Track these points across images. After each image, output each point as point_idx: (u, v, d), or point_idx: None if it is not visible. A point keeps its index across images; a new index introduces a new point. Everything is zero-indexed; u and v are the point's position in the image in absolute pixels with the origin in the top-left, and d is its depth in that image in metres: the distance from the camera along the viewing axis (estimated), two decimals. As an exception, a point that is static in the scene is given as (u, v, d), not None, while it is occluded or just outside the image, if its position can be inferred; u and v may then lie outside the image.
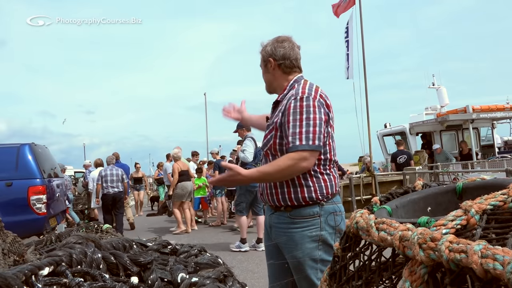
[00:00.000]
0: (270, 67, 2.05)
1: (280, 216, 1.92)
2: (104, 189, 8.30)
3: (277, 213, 1.95)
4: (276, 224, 1.94)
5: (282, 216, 1.91)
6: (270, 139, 1.93)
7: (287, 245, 1.89)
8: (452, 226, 0.77)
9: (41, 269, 0.73)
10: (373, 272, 0.94)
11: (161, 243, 1.38)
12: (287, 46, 2.02)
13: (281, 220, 1.92)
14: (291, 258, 1.88)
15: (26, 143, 6.71)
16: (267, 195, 1.95)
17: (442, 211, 1.14)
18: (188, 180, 8.74)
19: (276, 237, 1.95)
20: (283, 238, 1.90)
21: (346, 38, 10.54)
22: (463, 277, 0.66)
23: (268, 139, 1.94)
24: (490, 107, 12.61)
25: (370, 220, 0.95)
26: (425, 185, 1.37)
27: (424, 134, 13.93)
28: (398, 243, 0.80)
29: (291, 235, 1.87)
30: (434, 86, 14.92)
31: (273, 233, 1.97)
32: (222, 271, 1.05)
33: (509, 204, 0.81)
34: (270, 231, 2.00)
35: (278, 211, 1.94)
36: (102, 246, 0.97)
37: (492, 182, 1.12)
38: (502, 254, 0.59)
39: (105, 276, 0.84)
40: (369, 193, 9.24)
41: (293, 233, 1.86)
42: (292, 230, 1.87)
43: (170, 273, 0.97)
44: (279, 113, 1.93)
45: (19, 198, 6.31)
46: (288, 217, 1.89)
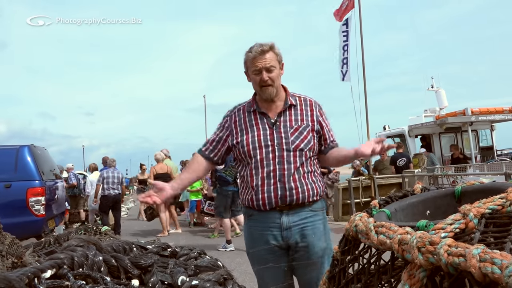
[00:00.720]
0: (281, 70, 2.10)
1: (299, 213, 2.01)
2: (105, 190, 8.42)
3: (293, 211, 2.01)
4: (297, 221, 2.00)
5: (302, 212, 2.01)
6: (310, 139, 2.06)
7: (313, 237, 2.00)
8: (451, 229, 0.77)
9: (43, 271, 0.73)
10: (372, 275, 0.94)
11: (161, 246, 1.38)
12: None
13: (303, 216, 2.01)
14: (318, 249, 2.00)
15: (25, 145, 6.70)
16: (285, 196, 1.98)
17: (441, 215, 1.15)
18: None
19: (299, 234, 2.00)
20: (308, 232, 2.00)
21: (345, 42, 10.56)
22: (462, 280, 0.67)
23: (309, 139, 2.06)
24: (489, 109, 12.62)
25: (369, 224, 0.96)
26: (424, 189, 1.38)
27: (423, 137, 13.93)
28: (397, 246, 0.80)
29: (317, 226, 2.03)
30: (433, 88, 14.94)
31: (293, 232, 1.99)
32: (222, 274, 1.06)
33: (507, 208, 0.81)
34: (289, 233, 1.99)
35: (295, 209, 2.01)
36: (103, 248, 0.98)
37: (490, 186, 1.13)
38: (500, 258, 0.59)
39: (106, 279, 0.84)
40: (368, 196, 9.24)
41: (318, 224, 2.04)
42: (317, 222, 2.04)
43: (171, 276, 0.97)
44: (305, 116, 2.10)
45: (18, 200, 6.29)
46: (310, 211, 2.03)
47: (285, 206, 1.99)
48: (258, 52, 2.00)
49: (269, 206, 1.99)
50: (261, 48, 2.00)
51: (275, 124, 2.05)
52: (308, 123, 2.08)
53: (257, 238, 2.05)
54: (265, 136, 2.03)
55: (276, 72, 2.04)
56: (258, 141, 2.03)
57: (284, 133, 2.03)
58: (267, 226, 2.02)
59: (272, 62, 2.02)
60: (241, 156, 2.07)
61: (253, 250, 2.08)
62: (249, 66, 2.06)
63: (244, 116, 2.12)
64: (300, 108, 2.11)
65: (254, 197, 2.01)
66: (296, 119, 2.07)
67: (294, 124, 2.06)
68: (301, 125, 2.06)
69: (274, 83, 2.03)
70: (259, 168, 2.01)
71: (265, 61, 2.00)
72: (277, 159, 2.00)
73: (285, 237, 1.99)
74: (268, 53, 2.01)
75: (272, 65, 2.02)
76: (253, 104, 2.12)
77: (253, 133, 2.06)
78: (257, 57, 2.01)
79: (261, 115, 2.09)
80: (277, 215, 2.00)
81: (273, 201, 1.97)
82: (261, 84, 2.03)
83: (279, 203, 1.98)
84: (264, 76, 2.00)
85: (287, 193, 1.97)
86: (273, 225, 2.01)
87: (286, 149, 2.00)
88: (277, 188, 1.98)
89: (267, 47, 2.01)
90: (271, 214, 2.00)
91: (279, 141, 2.01)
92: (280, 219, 2.00)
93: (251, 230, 2.10)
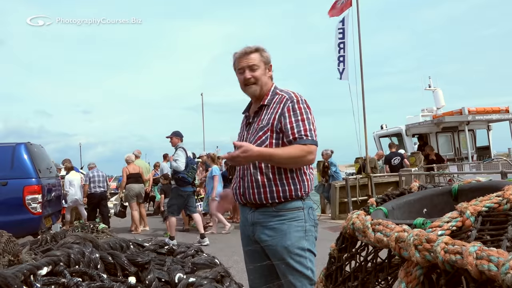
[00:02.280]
0: (267, 72, 2.17)
1: (264, 212, 2.02)
2: (91, 188, 9.23)
3: (260, 210, 2.03)
4: (261, 219, 2.02)
5: (267, 212, 2.01)
6: (265, 139, 2.03)
7: (275, 237, 1.96)
8: (448, 227, 0.77)
9: (39, 269, 0.73)
10: (369, 273, 0.94)
11: (158, 243, 1.38)
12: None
13: (267, 215, 2.01)
14: (280, 248, 1.94)
15: (22, 142, 6.66)
16: (252, 194, 2.01)
17: (437, 213, 1.15)
18: (136, 183, 9.19)
19: (261, 233, 2.00)
20: (269, 232, 1.98)
21: (341, 40, 10.55)
22: (458, 278, 0.67)
23: (263, 139, 2.03)
24: (485, 109, 12.68)
25: (366, 221, 0.96)
26: (421, 187, 1.38)
27: (420, 136, 13.97)
28: (394, 244, 0.80)
29: (278, 226, 1.97)
30: (431, 88, 14.97)
31: (258, 230, 2.02)
32: (220, 272, 1.06)
33: (503, 206, 0.82)
34: (254, 229, 2.04)
35: (261, 208, 2.03)
36: (99, 246, 0.97)
37: (487, 184, 1.13)
38: (496, 256, 0.60)
39: (103, 276, 0.84)
40: (365, 194, 9.26)
41: (280, 224, 1.97)
42: (279, 222, 1.98)
43: (168, 273, 0.97)
44: (272, 115, 2.06)
45: (14, 198, 6.26)
46: (273, 211, 1.99)
47: (252, 204, 2.06)
48: (242, 52, 2.12)
49: (240, 202, 2.10)
50: (245, 49, 2.12)
51: (249, 125, 2.17)
52: (268, 122, 2.05)
53: (241, 229, 2.19)
54: (241, 138, 2.19)
55: (260, 72, 2.11)
56: (238, 140, 2.16)
57: (251, 134, 2.12)
58: (243, 219, 2.15)
59: (256, 61, 2.11)
60: None
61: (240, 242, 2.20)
62: (235, 67, 2.18)
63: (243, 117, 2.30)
64: (272, 107, 2.09)
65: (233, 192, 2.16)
66: (263, 119, 2.10)
67: (260, 124, 2.10)
68: (260, 125, 2.08)
69: (258, 81, 2.11)
70: (236, 166, 2.15)
71: (248, 60, 2.10)
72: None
73: (251, 232, 2.07)
74: (252, 53, 2.11)
75: (256, 64, 2.10)
76: (248, 106, 2.27)
77: (238, 134, 2.25)
78: (241, 57, 2.12)
79: (246, 116, 2.24)
80: (247, 210, 2.10)
81: (238, 198, 2.10)
82: (244, 82, 2.12)
83: (242, 200, 2.08)
84: (247, 74, 2.09)
85: (246, 191, 2.05)
86: (245, 219, 2.11)
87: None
88: (240, 186, 2.08)
89: (251, 49, 2.12)
90: (245, 209, 2.12)
91: (246, 142, 2.09)
92: (249, 215, 2.09)
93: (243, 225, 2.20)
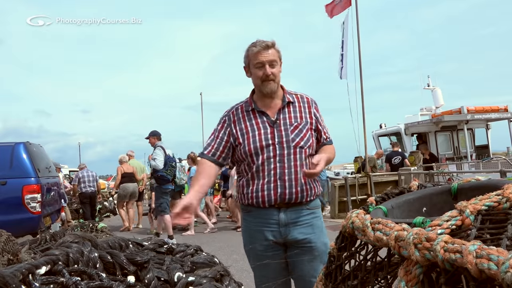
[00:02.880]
0: (280, 67, 2.12)
1: (297, 210, 2.04)
2: (82, 188, 9.72)
3: (292, 209, 2.03)
4: (295, 218, 2.03)
5: (300, 210, 2.04)
6: (309, 138, 2.09)
7: (314, 233, 2.04)
8: (447, 226, 0.77)
9: (38, 268, 0.73)
10: (369, 272, 0.94)
11: (157, 243, 1.38)
12: None
13: (301, 213, 2.04)
14: (320, 244, 2.04)
15: (21, 142, 6.66)
16: (295, 193, 2.00)
17: (437, 212, 1.15)
18: (130, 182, 9.33)
19: (298, 232, 2.02)
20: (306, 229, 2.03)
21: (342, 39, 10.56)
22: (458, 277, 0.67)
23: (308, 137, 2.08)
24: (484, 108, 12.69)
25: (365, 220, 0.96)
26: (421, 186, 1.38)
27: (419, 135, 13.98)
28: (393, 243, 0.80)
29: (315, 223, 2.07)
30: (429, 87, 14.97)
31: (293, 230, 2.02)
32: (219, 271, 1.05)
33: (503, 204, 0.82)
34: (287, 230, 2.01)
35: (294, 207, 2.03)
36: (98, 245, 0.97)
37: (486, 183, 1.13)
38: (496, 254, 0.59)
39: (102, 275, 0.84)
40: (365, 193, 9.26)
41: (316, 220, 2.08)
42: (314, 219, 2.08)
43: (167, 272, 0.97)
44: (303, 114, 2.12)
45: (14, 197, 6.26)
46: (307, 209, 2.06)
47: (283, 204, 2.01)
48: (262, 46, 2.01)
49: (268, 203, 2.00)
50: (265, 43, 2.02)
51: (275, 123, 2.06)
52: (307, 120, 2.10)
53: (255, 234, 2.06)
54: (265, 135, 2.03)
55: (278, 68, 2.07)
56: (259, 140, 2.03)
57: (285, 130, 2.04)
58: (265, 222, 2.03)
59: (275, 57, 2.05)
60: (242, 156, 2.07)
61: (251, 246, 2.08)
62: (251, 60, 2.06)
63: (243, 115, 2.12)
64: (298, 105, 2.13)
65: (254, 195, 2.02)
66: (295, 116, 2.09)
67: (293, 122, 2.07)
68: (301, 123, 2.08)
69: (276, 78, 2.05)
70: (260, 166, 2.01)
71: (269, 55, 2.02)
72: (278, 157, 2.01)
73: (283, 233, 2.00)
74: (271, 49, 2.04)
75: (275, 60, 2.04)
76: (251, 103, 2.12)
77: (254, 132, 2.05)
78: (261, 51, 2.02)
79: (260, 113, 2.09)
80: (275, 212, 2.01)
81: (272, 199, 1.99)
82: (263, 78, 2.03)
83: (278, 201, 1.99)
84: (268, 70, 2.01)
85: (286, 191, 1.99)
86: (271, 221, 2.02)
87: (286, 147, 2.02)
88: (277, 186, 1.99)
89: (270, 43, 2.04)
90: (269, 211, 2.02)
91: (279, 140, 2.02)
92: (278, 216, 2.01)
93: (249, 226, 2.10)
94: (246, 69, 2.14)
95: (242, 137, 2.07)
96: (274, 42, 2.07)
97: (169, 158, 7.40)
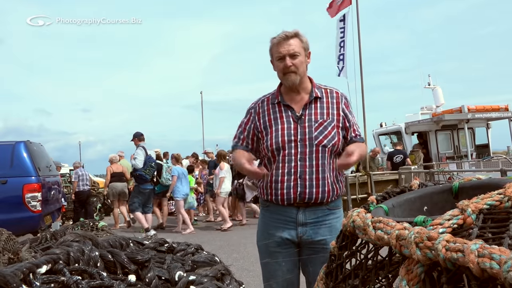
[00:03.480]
0: (307, 59, 2.04)
1: (316, 210, 1.97)
2: (80, 186, 9.94)
3: (311, 209, 1.97)
4: (314, 218, 1.97)
5: (319, 210, 1.97)
6: (334, 135, 1.98)
7: (330, 236, 1.93)
8: (449, 225, 0.77)
9: (39, 267, 0.73)
10: (370, 271, 0.94)
11: (158, 241, 1.38)
12: None
13: (320, 213, 1.97)
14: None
15: (21, 141, 6.66)
16: (316, 193, 1.94)
17: (438, 211, 1.15)
18: (119, 182, 9.50)
19: (315, 232, 1.96)
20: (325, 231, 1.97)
21: (341, 38, 10.53)
22: (460, 276, 0.67)
23: (333, 135, 1.98)
24: (485, 107, 12.69)
25: (366, 219, 0.95)
26: (422, 185, 1.38)
27: (419, 134, 13.98)
28: (395, 242, 0.80)
29: (335, 224, 1.98)
30: (430, 86, 14.96)
31: (310, 230, 1.96)
32: (220, 270, 1.05)
33: (505, 203, 0.81)
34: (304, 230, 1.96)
35: (313, 206, 1.97)
36: (99, 244, 0.97)
37: (488, 182, 1.13)
38: (498, 253, 0.59)
39: (102, 274, 0.84)
40: (365, 192, 9.25)
41: (336, 222, 1.99)
42: (335, 220, 2.00)
43: (168, 271, 0.97)
44: (330, 110, 2.02)
45: (14, 196, 6.26)
46: (327, 209, 1.98)
47: (302, 203, 1.95)
48: (282, 37, 1.96)
49: (287, 201, 1.95)
50: (285, 34, 1.96)
51: (300, 118, 1.99)
52: (334, 118, 2.01)
53: (270, 230, 2.01)
54: (289, 130, 1.97)
55: (301, 59, 1.97)
56: (281, 135, 1.97)
57: (308, 127, 1.97)
58: (282, 220, 1.99)
59: (296, 48, 1.96)
60: (264, 150, 2.02)
61: (265, 242, 2.03)
62: (274, 53, 2.01)
63: (268, 108, 2.07)
64: (326, 101, 2.04)
65: (273, 192, 1.97)
66: (322, 113, 2.01)
67: (319, 118, 1.99)
68: (326, 120, 1.99)
69: (298, 69, 1.96)
70: (280, 163, 1.96)
71: (289, 46, 1.95)
72: (299, 155, 1.95)
73: (299, 232, 1.96)
74: (292, 39, 1.96)
75: (296, 51, 1.95)
76: (278, 96, 2.06)
77: (277, 126, 2.00)
78: (281, 43, 1.96)
79: (285, 107, 2.03)
80: (294, 210, 1.97)
81: (292, 197, 1.94)
82: (284, 70, 1.97)
83: (298, 200, 1.94)
84: (288, 61, 1.94)
85: (306, 191, 1.93)
86: (289, 219, 1.97)
87: (309, 145, 1.94)
88: (297, 184, 1.93)
89: (291, 33, 1.96)
90: (288, 208, 1.97)
91: (302, 137, 1.95)
92: (296, 215, 1.96)
93: (266, 221, 2.06)
94: (272, 62, 2.07)
95: (265, 130, 2.02)
96: (298, 32, 1.98)
97: (149, 158, 7.71)
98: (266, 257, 2.04)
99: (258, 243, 2.10)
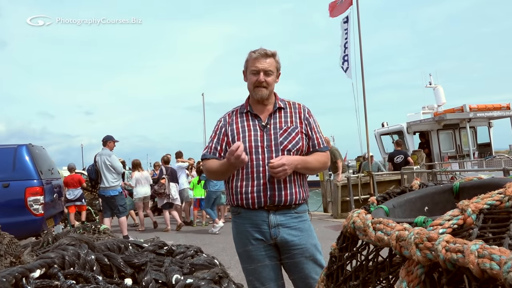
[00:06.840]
0: (276, 79, 2.20)
1: (285, 213, 2.07)
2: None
3: (280, 212, 2.06)
4: (284, 221, 2.06)
5: (288, 213, 2.07)
6: (299, 141, 2.12)
7: (302, 236, 2.07)
8: (449, 225, 0.76)
9: (32, 271, 0.72)
10: (370, 272, 0.93)
11: (157, 244, 1.37)
12: None
13: (288, 216, 2.07)
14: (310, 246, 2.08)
15: (23, 144, 6.67)
16: (285, 195, 2.04)
17: (439, 211, 1.14)
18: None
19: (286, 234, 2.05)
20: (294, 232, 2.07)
21: (346, 40, 10.52)
22: (460, 277, 0.66)
23: (297, 140, 2.11)
24: (487, 106, 12.66)
25: (367, 220, 0.94)
26: (422, 185, 1.36)
27: (421, 133, 13.95)
28: (395, 243, 0.79)
29: (302, 226, 2.09)
30: (431, 85, 14.94)
31: (282, 231, 2.05)
32: (218, 272, 1.04)
33: (505, 203, 0.80)
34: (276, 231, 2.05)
35: (282, 210, 2.06)
36: (96, 247, 0.96)
37: (489, 181, 1.11)
38: (498, 254, 0.58)
39: (98, 278, 0.83)
40: (367, 193, 9.24)
41: (302, 224, 2.10)
42: (301, 222, 2.10)
43: (165, 274, 0.96)
44: (293, 118, 2.16)
45: (16, 199, 6.27)
46: (294, 213, 2.09)
47: (272, 206, 2.05)
48: (261, 54, 2.11)
49: (258, 205, 2.05)
50: (265, 52, 2.12)
51: (265, 127, 2.13)
52: (297, 125, 2.16)
53: (245, 234, 2.10)
54: (255, 137, 2.10)
55: (273, 77, 2.15)
56: (248, 141, 2.09)
57: (274, 134, 2.10)
58: (255, 223, 2.07)
59: (271, 67, 2.13)
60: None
61: (243, 248, 2.12)
62: (249, 66, 2.15)
63: (237, 117, 2.21)
64: (290, 111, 2.19)
65: (243, 196, 2.06)
66: (285, 121, 2.15)
67: (283, 126, 2.13)
68: (290, 126, 2.14)
69: (269, 86, 2.13)
70: (249, 168, 2.06)
71: (266, 64, 2.11)
72: (267, 160, 2.05)
73: (273, 234, 2.05)
74: (269, 58, 2.12)
75: (271, 70, 2.12)
76: (247, 106, 2.21)
77: (244, 134, 2.13)
78: (259, 58, 2.11)
79: (253, 116, 2.18)
80: (264, 213, 2.06)
81: (262, 201, 2.04)
82: (256, 84, 2.12)
83: (268, 203, 2.04)
84: (261, 77, 2.10)
85: (276, 193, 2.03)
86: (261, 222, 2.06)
87: (275, 150, 2.07)
88: (266, 188, 2.04)
89: (270, 52, 2.13)
90: (259, 212, 2.06)
91: (268, 143, 2.08)
92: (268, 218, 2.05)
93: (239, 228, 2.14)
94: (244, 73, 2.22)
95: (233, 137, 2.14)
96: (275, 53, 2.14)
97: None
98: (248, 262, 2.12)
99: (238, 251, 2.20)
